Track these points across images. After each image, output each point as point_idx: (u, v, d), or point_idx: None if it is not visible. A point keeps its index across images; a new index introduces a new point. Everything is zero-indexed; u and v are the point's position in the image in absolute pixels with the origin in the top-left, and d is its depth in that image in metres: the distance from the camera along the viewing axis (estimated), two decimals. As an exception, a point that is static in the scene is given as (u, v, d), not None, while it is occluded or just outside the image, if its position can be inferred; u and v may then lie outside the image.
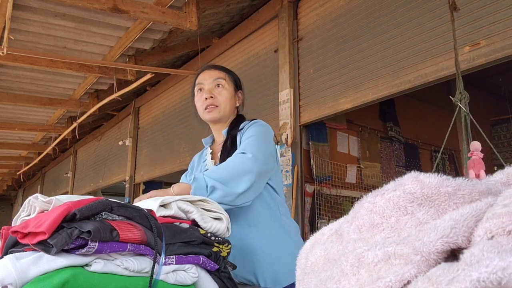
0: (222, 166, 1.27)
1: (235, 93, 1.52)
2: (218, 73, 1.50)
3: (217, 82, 1.47)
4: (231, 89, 1.50)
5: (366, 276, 0.39)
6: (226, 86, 1.48)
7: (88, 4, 3.08)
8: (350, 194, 3.95)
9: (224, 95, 1.47)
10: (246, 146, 1.31)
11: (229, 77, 1.51)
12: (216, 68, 1.53)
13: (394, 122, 4.81)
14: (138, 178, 6.09)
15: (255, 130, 1.39)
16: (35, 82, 5.12)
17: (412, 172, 0.45)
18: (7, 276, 0.69)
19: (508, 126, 5.71)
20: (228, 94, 1.48)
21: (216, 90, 1.47)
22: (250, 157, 1.26)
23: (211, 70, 1.51)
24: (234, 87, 1.52)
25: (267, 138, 1.39)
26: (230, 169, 1.24)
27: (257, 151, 1.29)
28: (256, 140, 1.34)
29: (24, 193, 13.20)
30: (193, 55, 5.02)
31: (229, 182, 1.20)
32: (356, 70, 2.97)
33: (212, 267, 0.95)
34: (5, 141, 7.95)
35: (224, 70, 1.53)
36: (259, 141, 1.35)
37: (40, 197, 0.86)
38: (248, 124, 1.44)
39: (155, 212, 0.94)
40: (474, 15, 2.30)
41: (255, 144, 1.32)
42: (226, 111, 1.48)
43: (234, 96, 1.51)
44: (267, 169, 1.32)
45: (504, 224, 0.34)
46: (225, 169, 1.24)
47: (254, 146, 1.31)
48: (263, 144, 1.35)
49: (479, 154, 1.60)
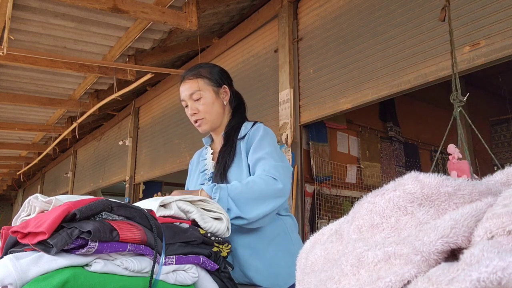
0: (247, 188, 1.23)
1: (218, 93, 1.47)
2: (191, 85, 1.46)
3: (193, 96, 1.45)
4: (210, 93, 1.45)
5: (366, 276, 0.39)
6: (203, 94, 1.45)
7: (88, 4, 3.08)
8: (350, 194, 3.95)
9: (204, 104, 1.45)
10: (271, 169, 1.28)
11: (203, 82, 1.46)
12: (189, 78, 1.47)
13: (394, 122, 4.81)
14: (138, 178, 6.09)
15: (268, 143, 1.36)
16: (35, 82, 5.12)
17: (412, 172, 0.45)
18: (7, 276, 0.69)
19: (508, 126, 5.71)
20: (209, 101, 1.45)
21: (196, 104, 1.45)
22: (278, 188, 1.24)
23: (186, 82, 1.48)
24: (213, 88, 1.47)
25: (277, 145, 1.38)
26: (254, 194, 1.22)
27: (284, 177, 1.27)
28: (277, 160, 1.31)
29: (24, 193, 13.20)
30: (193, 55, 5.02)
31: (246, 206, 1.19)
32: (356, 70, 2.97)
33: (212, 267, 0.95)
34: (5, 141, 7.95)
35: (196, 76, 1.47)
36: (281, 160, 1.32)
37: (40, 197, 0.86)
38: (250, 131, 1.41)
39: (155, 212, 0.94)
40: (474, 15, 2.30)
41: (278, 168, 1.28)
42: (213, 118, 1.47)
43: (216, 98, 1.47)
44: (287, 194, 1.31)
45: (504, 224, 0.34)
46: (249, 192, 1.21)
47: (280, 171, 1.27)
48: (283, 163, 1.33)
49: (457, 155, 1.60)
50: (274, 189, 1.23)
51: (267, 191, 1.23)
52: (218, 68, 1.53)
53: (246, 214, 1.18)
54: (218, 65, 1.58)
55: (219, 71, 1.52)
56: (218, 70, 1.52)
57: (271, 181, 1.24)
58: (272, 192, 1.23)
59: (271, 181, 1.24)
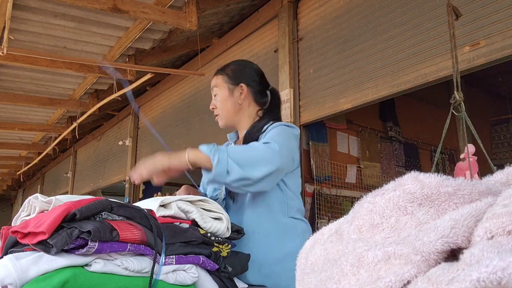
0: (246, 149, 1.25)
1: (233, 91, 1.49)
2: (213, 80, 1.53)
3: (213, 92, 1.52)
4: (224, 91, 1.49)
5: (366, 276, 0.39)
6: (218, 91, 1.50)
7: (88, 4, 3.08)
8: (350, 194, 3.94)
9: (219, 101, 1.50)
10: (272, 137, 1.29)
11: (221, 79, 1.51)
12: (216, 73, 1.55)
13: (394, 122, 4.81)
14: (138, 178, 6.09)
15: (279, 129, 1.36)
16: (35, 82, 5.12)
17: (412, 172, 0.45)
18: (7, 276, 0.69)
19: (508, 126, 5.71)
20: (222, 98, 1.49)
21: (214, 99, 1.52)
22: (274, 149, 1.23)
23: (213, 77, 1.55)
24: (229, 85, 1.50)
25: (291, 138, 1.37)
26: (253, 153, 1.22)
27: (281, 145, 1.26)
28: (281, 136, 1.32)
29: (24, 193, 13.20)
30: (193, 55, 5.02)
31: (248, 166, 1.17)
32: (356, 70, 2.97)
33: (212, 267, 0.95)
34: (5, 141, 7.94)
35: (220, 72, 1.54)
36: (284, 138, 1.32)
37: (40, 197, 0.86)
38: (272, 125, 1.41)
39: (155, 212, 0.94)
40: (474, 15, 2.30)
41: (279, 139, 1.29)
42: (226, 115, 1.50)
43: (229, 96, 1.49)
44: (285, 167, 1.31)
45: (504, 224, 0.34)
46: (248, 152, 1.23)
47: (279, 141, 1.28)
48: (287, 141, 1.32)
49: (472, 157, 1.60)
50: (274, 150, 1.23)
51: (266, 151, 1.23)
52: (243, 66, 1.55)
53: (250, 174, 1.16)
54: (250, 63, 1.60)
55: (242, 69, 1.53)
56: (242, 68, 1.54)
57: (266, 144, 1.26)
58: (271, 153, 1.23)
59: (265, 144, 1.26)
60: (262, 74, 1.58)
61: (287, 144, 1.31)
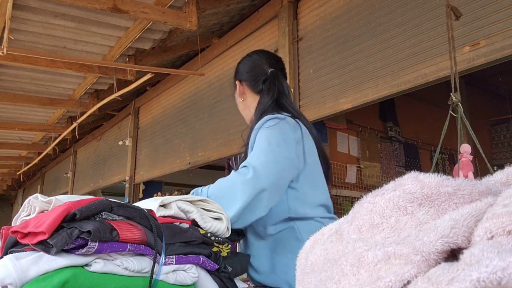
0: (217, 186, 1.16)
1: (235, 92, 1.52)
2: None
3: None
4: (235, 96, 1.53)
5: (366, 276, 0.39)
6: (235, 95, 1.53)
7: (88, 4, 3.08)
8: (350, 194, 3.94)
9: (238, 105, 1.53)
10: (254, 152, 1.18)
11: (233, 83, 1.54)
12: None
13: (394, 122, 4.81)
14: (138, 178, 6.09)
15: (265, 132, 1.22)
16: (35, 82, 5.12)
17: (412, 172, 0.45)
18: (7, 276, 0.69)
19: (508, 126, 5.71)
20: (237, 100, 1.51)
21: None
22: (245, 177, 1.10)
23: None
24: (233, 90, 1.53)
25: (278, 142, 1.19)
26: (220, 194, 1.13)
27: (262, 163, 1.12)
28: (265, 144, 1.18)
29: (24, 193, 13.20)
30: (193, 55, 5.01)
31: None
32: (356, 70, 2.97)
33: (212, 267, 0.95)
34: (5, 141, 7.94)
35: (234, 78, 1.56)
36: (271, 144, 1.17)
37: (40, 197, 0.86)
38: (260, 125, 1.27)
39: (155, 212, 0.94)
40: (474, 15, 2.30)
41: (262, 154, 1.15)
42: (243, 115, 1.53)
43: (236, 98, 1.52)
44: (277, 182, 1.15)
45: (504, 224, 0.34)
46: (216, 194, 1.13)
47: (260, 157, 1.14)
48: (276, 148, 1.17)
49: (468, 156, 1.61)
50: (242, 180, 1.11)
51: (233, 184, 1.12)
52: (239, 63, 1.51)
53: None
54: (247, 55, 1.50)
55: (237, 66, 1.52)
56: (237, 65, 1.52)
57: (242, 172, 1.12)
58: (239, 185, 1.10)
59: (242, 172, 1.13)
60: (256, 61, 1.46)
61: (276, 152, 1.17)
